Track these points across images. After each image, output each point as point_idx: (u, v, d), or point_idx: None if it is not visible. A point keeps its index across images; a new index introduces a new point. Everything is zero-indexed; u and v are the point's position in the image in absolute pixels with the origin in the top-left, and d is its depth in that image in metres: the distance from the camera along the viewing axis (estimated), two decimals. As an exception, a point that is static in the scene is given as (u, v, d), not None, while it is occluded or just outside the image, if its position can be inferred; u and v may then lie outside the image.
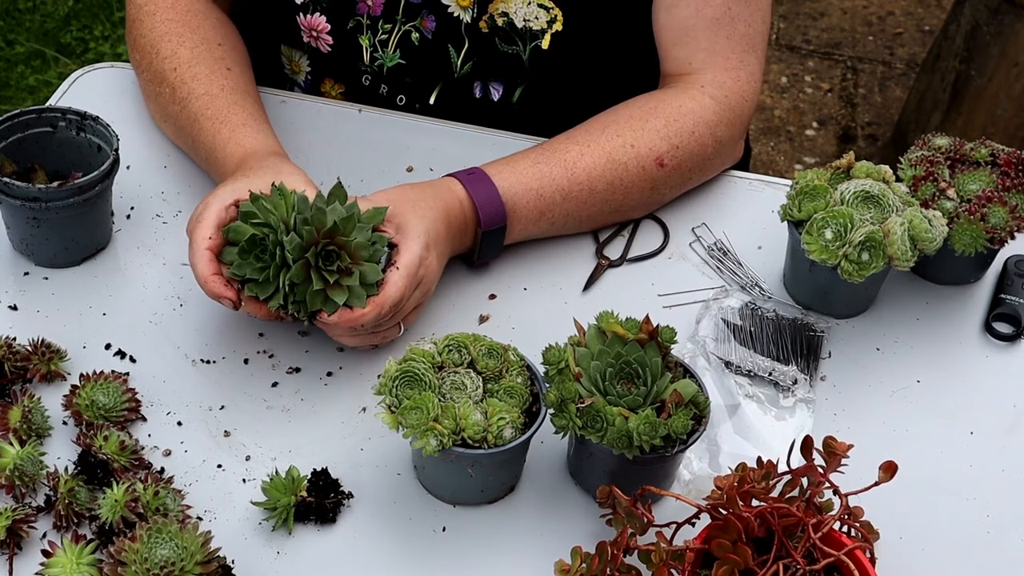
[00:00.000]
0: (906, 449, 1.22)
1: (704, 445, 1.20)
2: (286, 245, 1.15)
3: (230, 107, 1.36)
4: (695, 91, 1.41)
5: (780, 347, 1.29)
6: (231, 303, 1.18)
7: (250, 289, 1.17)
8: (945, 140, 1.36)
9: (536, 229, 1.36)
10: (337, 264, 1.17)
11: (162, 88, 1.42)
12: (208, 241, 1.19)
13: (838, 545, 1.02)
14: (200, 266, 1.18)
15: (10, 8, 3.30)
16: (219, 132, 1.34)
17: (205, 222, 1.20)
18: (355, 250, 1.17)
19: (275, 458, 1.18)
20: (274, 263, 1.16)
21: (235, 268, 1.17)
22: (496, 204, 1.31)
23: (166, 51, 1.41)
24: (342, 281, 1.17)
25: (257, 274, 1.17)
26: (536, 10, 1.42)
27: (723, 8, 1.40)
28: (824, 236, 1.24)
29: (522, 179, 1.33)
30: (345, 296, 1.17)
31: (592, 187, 1.35)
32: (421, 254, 1.22)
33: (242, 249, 1.17)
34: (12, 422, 1.15)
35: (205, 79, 1.38)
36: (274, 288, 1.17)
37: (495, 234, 1.32)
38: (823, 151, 3.17)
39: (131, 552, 1.00)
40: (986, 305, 1.37)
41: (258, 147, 1.32)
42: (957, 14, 2.82)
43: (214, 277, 1.18)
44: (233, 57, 1.43)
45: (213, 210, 1.20)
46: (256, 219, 1.17)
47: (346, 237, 1.17)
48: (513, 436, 1.09)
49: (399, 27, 1.47)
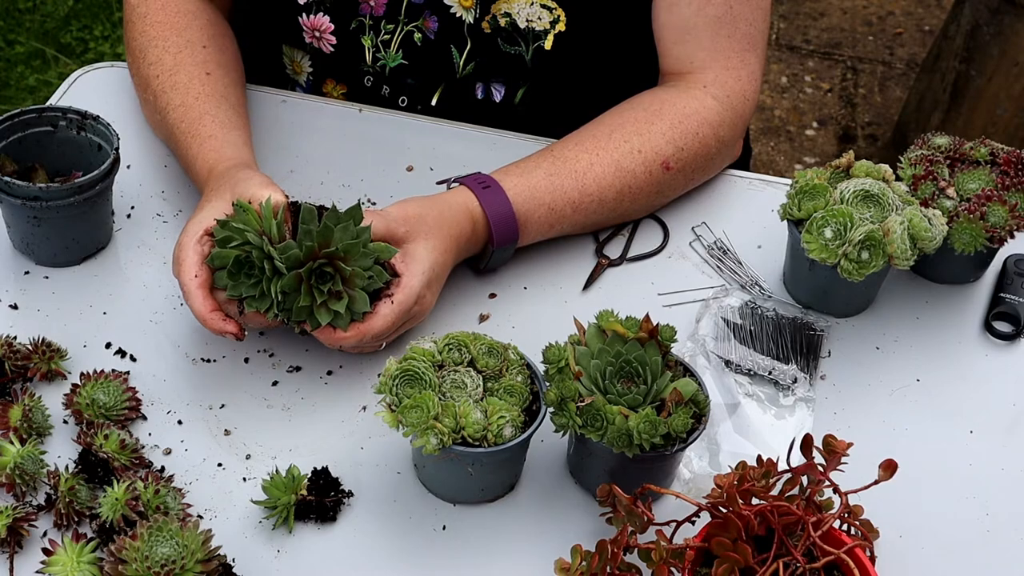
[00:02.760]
0: (906, 448, 1.22)
1: (704, 444, 1.20)
2: (274, 255, 1.15)
3: (201, 118, 1.36)
4: (698, 91, 1.41)
5: (780, 346, 1.29)
6: (234, 336, 1.19)
7: (249, 304, 1.18)
8: (945, 139, 1.37)
9: (542, 237, 1.36)
10: (329, 286, 1.17)
11: (147, 95, 1.43)
12: (196, 280, 1.19)
13: (838, 543, 1.02)
14: (196, 306, 1.19)
15: (10, 8, 3.30)
16: (190, 146, 1.35)
17: (186, 263, 1.19)
18: (351, 276, 1.17)
19: (275, 457, 1.18)
20: (264, 276, 1.16)
21: (231, 290, 1.18)
22: (510, 221, 1.30)
23: (152, 57, 1.42)
24: (330, 304, 1.17)
25: (252, 290, 1.17)
26: (539, 10, 1.42)
27: (725, 7, 1.40)
28: (824, 235, 1.24)
29: (535, 193, 1.32)
30: (330, 318, 1.17)
31: (602, 197, 1.35)
32: (419, 292, 1.21)
33: (230, 272, 1.17)
34: (13, 421, 1.15)
35: (182, 88, 1.38)
36: (270, 300, 1.17)
37: (506, 250, 1.32)
38: (823, 151, 3.17)
39: (132, 550, 1.00)
40: (986, 304, 1.37)
41: (220, 160, 1.32)
42: (957, 14, 2.82)
43: (213, 315, 1.18)
44: (217, 59, 1.43)
45: (188, 249, 1.20)
46: (233, 241, 1.17)
47: (344, 264, 1.17)
48: (513, 435, 1.09)
49: (401, 27, 1.47)
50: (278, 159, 1.46)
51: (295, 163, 1.47)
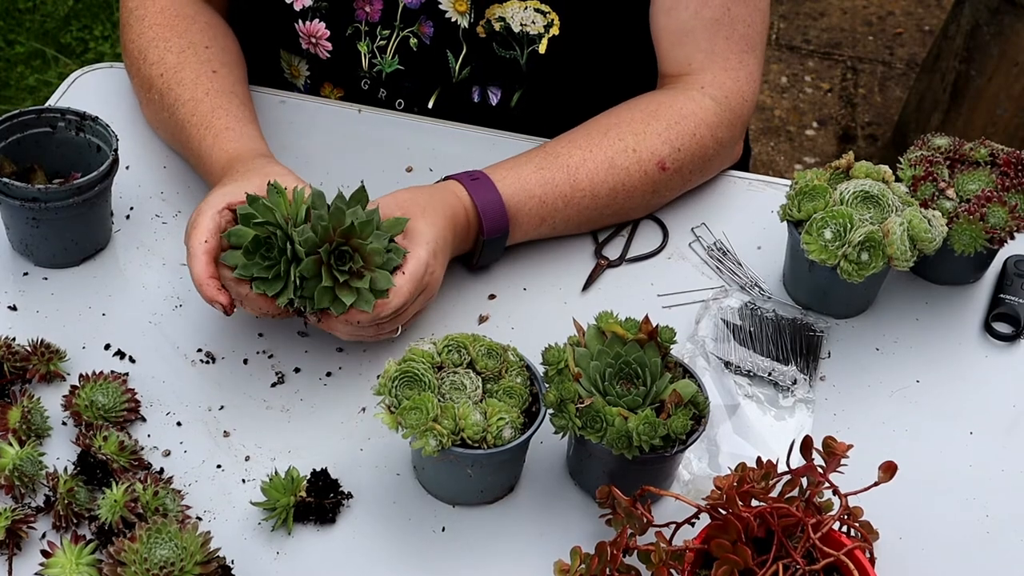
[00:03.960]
0: (905, 449, 1.22)
1: (703, 445, 1.20)
2: (295, 238, 1.15)
3: (214, 111, 1.36)
4: (695, 92, 1.41)
5: (780, 347, 1.29)
6: (223, 308, 1.18)
7: (258, 287, 1.17)
8: (944, 140, 1.36)
9: (536, 233, 1.36)
10: (349, 265, 1.16)
11: (151, 94, 1.42)
12: (205, 245, 1.19)
13: (838, 545, 1.02)
14: (196, 268, 1.18)
15: (10, 8, 3.30)
16: (204, 139, 1.34)
17: (201, 227, 1.20)
18: (369, 254, 1.17)
19: (274, 458, 1.18)
20: (284, 258, 1.16)
21: (241, 269, 1.17)
22: (499, 211, 1.31)
23: (153, 57, 1.41)
24: (352, 283, 1.16)
25: (265, 272, 1.17)
26: (533, 14, 1.42)
27: (722, 9, 1.40)
28: (824, 236, 1.24)
29: (525, 185, 1.33)
30: (353, 297, 1.16)
31: (595, 192, 1.35)
32: (428, 261, 1.22)
33: (247, 250, 1.17)
34: (11, 422, 1.15)
35: (190, 84, 1.38)
36: (283, 284, 1.17)
37: (496, 241, 1.32)
38: (823, 151, 3.17)
39: (130, 552, 1.00)
40: (985, 305, 1.37)
41: (242, 150, 1.32)
42: (957, 14, 2.82)
43: (210, 280, 1.18)
44: (221, 59, 1.43)
45: (207, 216, 1.20)
46: (257, 219, 1.17)
47: (362, 240, 1.17)
48: (512, 436, 1.09)
49: (397, 33, 1.47)
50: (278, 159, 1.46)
51: (295, 163, 1.46)
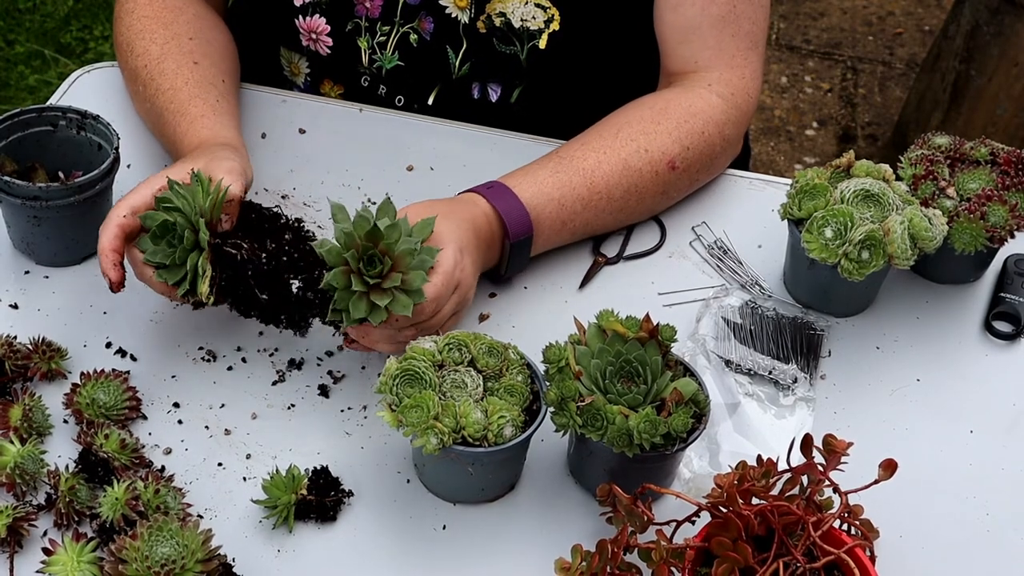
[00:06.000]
0: (906, 447, 1.22)
1: (704, 443, 1.20)
2: (200, 228, 1.14)
3: (191, 100, 1.37)
4: (703, 90, 1.41)
5: (780, 346, 1.29)
6: (110, 283, 1.18)
7: (159, 275, 1.17)
8: (945, 139, 1.37)
9: (558, 239, 1.35)
10: (380, 268, 1.13)
11: (136, 86, 1.43)
12: (121, 219, 1.18)
13: (838, 543, 1.02)
14: (103, 237, 1.18)
15: (10, 8, 3.30)
16: (179, 125, 1.35)
17: (125, 201, 1.20)
18: (400, 256, 1.13)
19: (275, 456, 1.18)
20: (182, 247, 1.15)
21: (148, 255, 1.17)
22: (521, 214, 1.29)
23: (139, 48, 1.43)
24: (384, 285, 1.13)
25: (166, 258, 1.16)
26: (533, 10, 1.42)
27: (728, 6, 1.40)
28: (824, 235, 1.24)
29: (543, 189, 1.32)
30: (389, 299, 1.12)
31: (610, 195, 1.35)
32: (456, 257, 1.19)
33: (154, 235, 1.17)
34: (13, 420, 1.15)
35: (171, 74, 1.39)
36: (183, 273, 1.16)
37: (523, 244, 1.30)
38: (823, 151, 3.17)
39: (132, 550, 1.00)
40: (986, 304, 1.37)
41: (210, 137, 1.32)
42: (957, 14, 2.82)
43: (111, 253, 1.18)
44: (204, 50, 1.43)
45: (139, 192, 1.20)
46: (168, 204, 1.16)
47: (390, 241, 1.13)
48: (513, 434, 1.09)
49: (397, 29, 1.47)
50: (278, 159, 1.46)
51: (295, 163, 1.46)
